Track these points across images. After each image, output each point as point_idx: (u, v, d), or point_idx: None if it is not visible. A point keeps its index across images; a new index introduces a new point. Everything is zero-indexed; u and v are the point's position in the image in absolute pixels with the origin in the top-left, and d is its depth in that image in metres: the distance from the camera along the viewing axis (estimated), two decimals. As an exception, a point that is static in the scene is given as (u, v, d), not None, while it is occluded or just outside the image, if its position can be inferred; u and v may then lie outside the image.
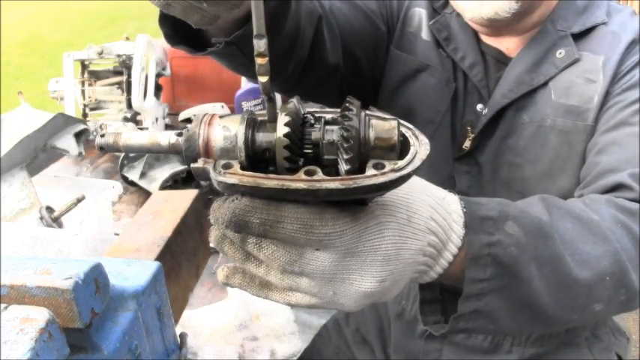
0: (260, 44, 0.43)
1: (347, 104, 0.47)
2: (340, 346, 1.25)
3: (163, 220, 0.79)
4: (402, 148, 0.47)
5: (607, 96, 0.88)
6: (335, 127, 0.47)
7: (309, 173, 0.45)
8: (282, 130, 0.45)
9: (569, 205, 0.67)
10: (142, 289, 0.55)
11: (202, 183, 1.74)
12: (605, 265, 0.62)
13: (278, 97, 2.30)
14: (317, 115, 0.50)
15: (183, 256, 0.80)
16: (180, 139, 0.49)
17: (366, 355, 1.21)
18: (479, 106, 0.98)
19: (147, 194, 1.75)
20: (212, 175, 0.46)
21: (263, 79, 0.45)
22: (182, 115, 2.31)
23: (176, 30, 0.69)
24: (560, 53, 0.91)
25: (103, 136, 0.51)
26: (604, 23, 0.92)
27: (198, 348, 1.18)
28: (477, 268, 0.56)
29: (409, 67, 1.02)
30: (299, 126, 0.47)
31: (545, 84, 0.92)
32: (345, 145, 0.45)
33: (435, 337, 1.06)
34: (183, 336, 0.67)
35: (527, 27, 0.94)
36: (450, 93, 0.99)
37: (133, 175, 1.79)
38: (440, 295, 0.65)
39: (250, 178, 0.45)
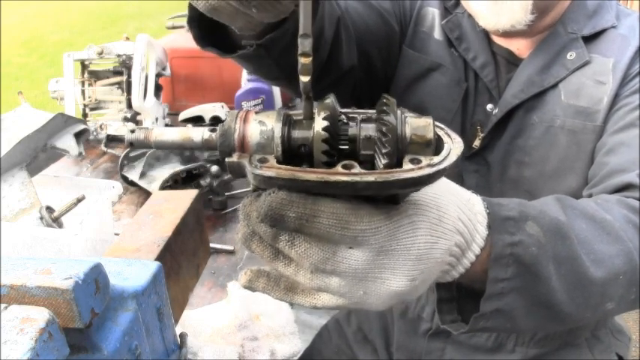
0: (305, 44, 0.43)
1: (383, 100, 0.47)
2: (341, 346, 1.25)
3: (163, 220, 0.78)
4: (436, 145, 0.47)
5: (616, 98, 0.90)
6: (370, 125, 0.47)
7: (346, 167, 0.45)
8: (321, 123, 0.45)
9: (583, 205, 0.67)
10: (142, 289, 0.54)
11: (202, 183, 1.74)
12: (619, 264, 0.63)
13: (278, 94, 2.30)
14: (350, 115, 0.50)
15: (183, 256, 0.80)
16: (214, 135, 0.49)
17: (368, 355, 1.21)
18: (489, 106, 0.98)
19: (147, 194, 1.75)
20: (248, 168, 0.46)
21: (305, 78, 0.45)
22: (182, 115, 2.30)
23: (200, 31, 0.69)
24: (570, 55, 0.92)
25: (133, 131, 0.51)
26: (614, 27, 0.93)
27: (198, 348, 1.18)
28: (499, 268, 0.56)
29: (421, 66, 1.03)
30: (336, 121, 0.47)
31: (555, 85, 0.93)
32: (383, 140, 0.45)
33: (438, 335, 1.07)
34: (183, 336, 0.67)
35: (539, 29, 0.95)
36: (461, 92, 0.99)
37: (133, 175, 1.79)
38: (456, 294, 0.65)
39: (288, 172, 0.45)
